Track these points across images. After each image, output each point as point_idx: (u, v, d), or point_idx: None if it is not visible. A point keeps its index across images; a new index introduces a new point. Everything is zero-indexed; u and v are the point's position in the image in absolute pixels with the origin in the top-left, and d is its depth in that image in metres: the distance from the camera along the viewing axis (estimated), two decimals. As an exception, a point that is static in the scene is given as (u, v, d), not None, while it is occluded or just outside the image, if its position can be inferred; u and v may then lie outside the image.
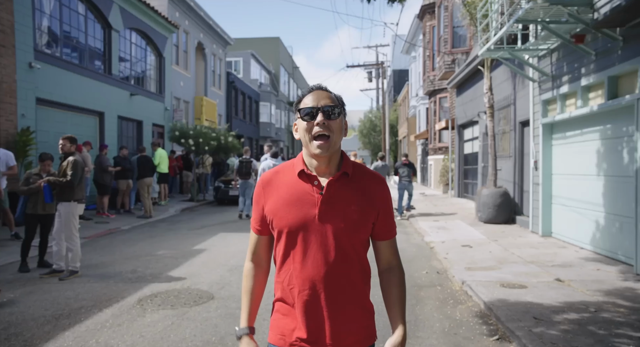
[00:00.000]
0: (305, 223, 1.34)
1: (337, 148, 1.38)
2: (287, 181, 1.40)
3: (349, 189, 1.37)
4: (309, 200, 1.35)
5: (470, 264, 5.86)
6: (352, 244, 1.36)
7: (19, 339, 3.50)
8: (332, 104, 1.36)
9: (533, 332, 3.40)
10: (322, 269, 1.33)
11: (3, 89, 8.73)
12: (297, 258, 1.35)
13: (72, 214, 5.54)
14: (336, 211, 1.34)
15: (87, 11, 11.94)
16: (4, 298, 4.50)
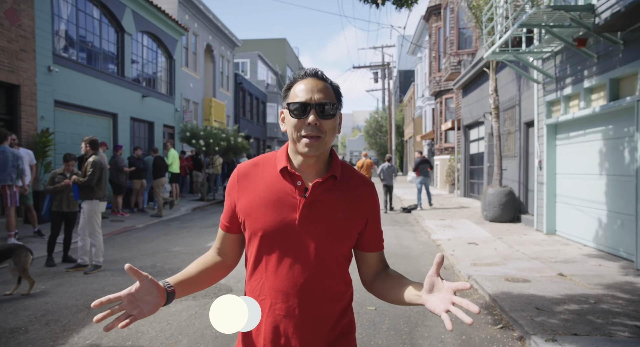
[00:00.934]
0: (283, 228, 1.18)
1: (327, 147, 1.23)
2: (266, 177, 1.24)
3: (335, 193, 1.22)
4: (289, 202, 1.20)
5: (475, 260, 6.08)
6: (335, 255, 1.22)
7: (57, 324, 3.78)
8: (326, 101, 1.18)
9: (535, 321, 3.63)
10: (298, 281, 1.18)
11: (24, 92, 9.06)
12: (270, 266, 1.20)
13: (95, 211, 5.83)
14: (319, 217, 1.19)
15: (102, 15, 12.27)
16: (37, 289, 4.79)
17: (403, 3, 6.29)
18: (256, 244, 1.22)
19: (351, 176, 1.28)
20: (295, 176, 1.21)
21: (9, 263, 4.53)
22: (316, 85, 1.20)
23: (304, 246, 1.18)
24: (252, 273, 1.24)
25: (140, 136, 14.43)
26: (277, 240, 1.19)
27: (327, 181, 1.22)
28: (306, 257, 1.18)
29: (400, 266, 5.92)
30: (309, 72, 1.23)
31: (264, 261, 1.21)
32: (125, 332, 3.64)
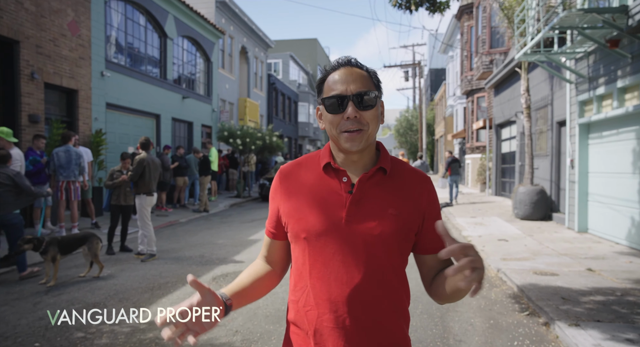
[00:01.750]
0: (329, 228, 1.08)
1: (372, 140, 1.13)
2: (309, 176, 1.16)
3: (386, 188, 1.12)
4: (335, 200, 1.10)
5: (505, 256, 6.31)
6: (389, 257, 1.09)
7: (129, 302, 4.33)
8: (365, 89, 1.08)
9: (560, 309, 3.89)
10: (348, 287, 1.06)
11: (81, 96, 9.86)
12: (315, 272, 1.09)
13: (142, 205, 6.40)
14: (369, 214, 1.08)
15: (147, 22, 13.05)
16: (104, 273, 5.40)
17: (436, 9, 6.57)
18: (300, 248, 1.12)
19: (404, 170, 1.17)
20: (341, 171, 1.12)
21: (83, 249, 5.15)
22: (351, 74, 1.10)
23: (352, 248, 1.06)
24: (297, 282, 1.14)
25: (180, 136, 15.20)
26: (322, 241, 1.08)
27: (376, 175, 1.12)
28: (356, 260, 1.06)
29: (432, 260, 6.23)
30: (342, 61, 1.13)
31: (309, 267, 1.10)
32: (188, 310, 4.14)
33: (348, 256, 1.07)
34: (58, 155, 7.50)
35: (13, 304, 4.25)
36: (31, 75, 8.33)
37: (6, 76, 8.10)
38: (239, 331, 3.62)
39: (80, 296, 4.52)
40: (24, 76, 8.20)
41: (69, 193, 7.59)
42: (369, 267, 1.07)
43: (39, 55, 8.55)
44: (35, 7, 8.42)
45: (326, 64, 1.16)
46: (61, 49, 9.18)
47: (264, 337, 3.50)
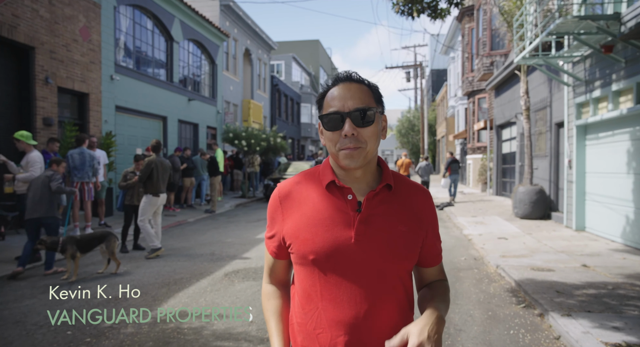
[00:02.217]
0: (338, 248, 1.06)
1: (372, 157, 1.12)
2: (311, 194, 1.14)
3: (392, 204, 1.12)
4: (342, 219, 1.08)
5: (504, 253, 6.56)
6: (400, 274, 1.10)
7: (148, 296, 4.60)
8: (363, 106, 1.07)
9: (554, 301, 4.14)
10: (362, 308, 1.06)
11: (92, 99, 10.14)
12: (327, 294, 1.08)
13: (147, 204, 6.63)
14: (379, 232, 1.07)
15: (154, 26, 13.34)
16: (120, 270, 5.67)
17: (437, 16, 6.82)
18: (307, 270, 1.10)
19: (404, 184, 1.17)
20: (345, 189, 1.11)
21: (101, 247, 5.42)
22: (349, 89, 1.08)
23: (364, 267, 1.06)
24: (304, 304, 1.11)
25: (186, 137, 15.49)
26: (332, 262, 1.06)
27: (382, 192, 1.12)
28: (368, 280, 1.06)
29: (434, 257, 6.48)
30: (342, 76, 1.11)
31: (319, 289, 1.08)
32: (205, 302, 4.41)
33: (360, 275, 1.06)
34: (72, 157, 7.77)
35: (40, 298, 4.52)
36: (45, 79, 8.62)
37: (22, 81, 8.39)
38: (254, 322, 3.88)
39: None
40: (38, 81, 8.49)
41: (83, 193, 7.87)
42: (381, 285, 1.06)
43: (52, 60, 8.83)
44: (49, 14, 8.71)
45: (328, 77, 1.27)
46: (73, 54, 9.46)
47: (277, 327, 3.77)
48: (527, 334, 3.61)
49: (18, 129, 8.19)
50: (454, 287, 4.97)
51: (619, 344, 3.09)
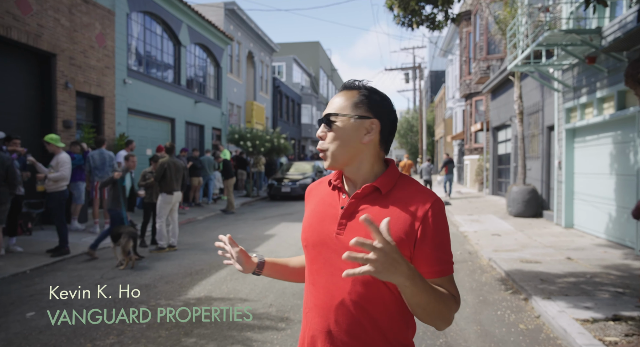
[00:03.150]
0: (322, 239, 1.18)
1: (344, 160, 1.17)
2: (321, 192, 1.29)
3: (380, 206, 1.14)
4: (331, 214, 1.20)
5: (497, 248, 7.10)
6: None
7: (174, 284, 5.13)
8: (335, 111, 1.15)
9: (538, 288, 4.68)
10: (335, 296, 1.13)
11: (106, 102, 10.66)
12: (312, 279, 1.21)
13: (163, 202, 7.15)
14: (358, 229, 1.12)
15: (163, 31, 13.85)
16: (144, 262, 6.19)
17: (434, 27, 7.36)
18: (305, 255, 1.27)
19: (409, 189, 1.16)
20: (339, 188, 1.23)
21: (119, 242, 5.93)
22: (336, 96, 1.19)
23: (341, 260, 1.10)
24: (306, 284, 1.26)
25: (193, 138, 16.00)
26: (316, 251, 1.19)
27: (371, 194, 1.16)
28: (342, 271, 1.05)
29: (431, 251, 7.02)
30: (343, 86, 1.22)
31: (309, 273, 1.23)
32: (227, 289, 4.93)
33: (336, 266, 1.13)
34: (93, 158, 8.28)
35: (77, 285, 5.04)
36: (65, 84, 9.13)
37: (44, 86, 8.89)
38: (273, 304, 4.41)
39: (131, 279, 5.32)
40: (59, 86, 9.00)
41: (103, 192, 8.37)
42: (357, 280, 1.11)
43: (72, 66, 9.34)
44: (69, 22, 9.22)
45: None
46: (90, 60, 9.97)
47: (294, 308, 4.30)
48: (512, 314, 4.15)
49: (40, 131, 8.72)
50: (450, 276, 5.50)
51: (587, 320, 3.62)
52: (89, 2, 9.87)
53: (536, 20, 8.58)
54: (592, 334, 3.37)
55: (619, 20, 6.00)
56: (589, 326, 3.53)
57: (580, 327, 3.50)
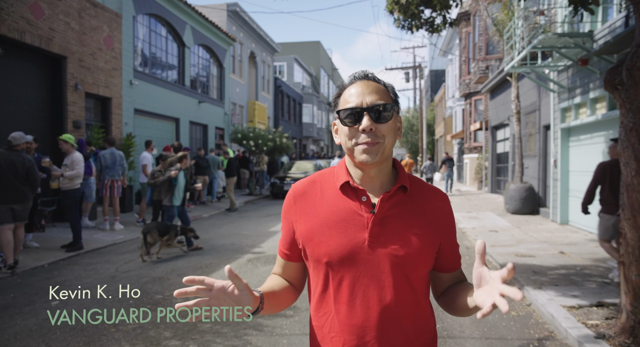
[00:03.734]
0: (352, 251, 1.06)
1: (388, 154, 1.11)
2: (326, 195, 1.14)
3: (407, 206, 1.11)
4: (356, 221, 1.08)
5: (494, 243, 7.38)
6: (416, 278, 1.09)
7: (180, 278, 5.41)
8: (381, 102, 1.08)
9: (530, 279, 4.96)
10: (375, 312, 1.06)
11: (113, 103, 10.94)
12: (340, 298, 1.08)
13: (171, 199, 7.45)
14: (393, 234, 1.07)
15: (168, 33, 14.13)
16: (153, 258, 6.47)
17: (433, 30, 7.62)
18: (322, 273, 1.10)
19: (421, 187, 1.17)
20: (360, 190, 1.11)
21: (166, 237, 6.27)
22: (367, 86, 1.10)
23: (377, 270, 1.05)
24: (319, 307, 1.12)
25: (196, 138, 16.29)
26: (346, 265, 1.07)
27: (397, 194, 1.11)
28: (382, 283, 1.06)
29: (430, 246, 7.31)
30: (358, 75, 1.13)
31: (332, 291, 1.09)
32: (236, 281, 5.22)
33: (373, 279, 1.05)
34: (104, 157, 8.55)
35: (95, 277, 5.33)
36: (75, 86, 9.41)
37: (55, 87, 9.17)
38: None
39: (144, 273, 5.60)
40: (69, 87, 9.28)
41: (113, 190, 8.65)
42: (395, 289, 1.05)
43: (81, 68, 9.62)
44: (79, 26, 9.49)
45: (342, 81, 1.15)
46: (98, 62, 10.25)
47: (300, 298, 4.57)
48: (505, 302, 4.42)
49: (52, 131, 9.00)
50: (447, 269, 5.79)
51: (574, 306, 3.90)
52: (97, 6, 10.14)
53: (532, 22, 8.84)
54: (576, 318, 3.65)
55: (609, 25, 6.27)
56: (574, 312, 3.81)
57: (566, 312, 3.78)
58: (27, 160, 5.57)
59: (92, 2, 9.95)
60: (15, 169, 5.43)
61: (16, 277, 5.33)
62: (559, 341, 3.48)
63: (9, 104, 8.13)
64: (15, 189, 5.43)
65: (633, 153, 2.95)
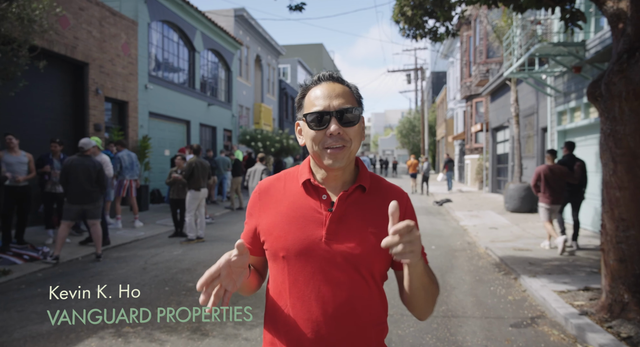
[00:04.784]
0: (308, 246, 1.08)
1: (354, 157, 1.14)
2: (289, 192, 1.16)
3: (365, 205, 1.13)
4: (315, 218, 1.10)
5: (493, 239, 7.86)
6: (371, 274, 1.10)
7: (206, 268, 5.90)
8: (348, 106, 1.08)
9: (526, 269, 5.45)
10: (329, 307, 1.07)
11: (130, 106, 11.45)
12: (296, 292, 1.09)
13: (191, 197, 7.92)
14: (349, 232, 1.08)
15: (179, 39, 14.65)
16: (178, 251, 6.97)
17: (436, 39, 8.12)
18: (279, 267, 1.12)
19: (381, 186, 1.19)
20: (320, 189, 1.13)
21: None
22: (333, 89, 1.11)
23: (333, 267, 1.07)
24: (275, 301, 1.14)
25: (206, 139, 16.80)
26: (302, 260, 1.09)
27: (355, 193, 1.14)
28: (336, 279, 1.08)
29: (434, 241, 7.78)
30: (323, 77, 1.14)
31: (288, 286, 1.10)
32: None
33: (329, 274, 1.07)
34: (123, 159, 9.05)
35: (127, 269, 5.83)
36: (96, 91, 9.93)
37: (77, 92, 9.69)
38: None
39: (172, 265, 6.10)
40: (91, 92, 9.79)
41: (130, 190, 9.15)
42: (350, 286, 1.08)
43: (101, 74, 10.14)
44: (99, 33, 10.01)
45: (305, 79, 1.14)
46: (116, 67, 10.77)
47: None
48: (503, 289, 4.92)
49: (74, 134, 9.51)
50: (451, 262, 6.28)
51: (563, 291, 4.39)
52: (116, 14, 10.66)
53: (530, 30, 9.34)
54: (564, 300, 4.14)
55: (599, 36, 6.76)
56: (563, 295, 4.30)
57: (556, 296, 4.28)
58: (97, 164, 6.13)
59: (111, 11, 10.47)
60: (89, 173, 5.99)
61: (57, 268, 5.83)
62: (549, 319, 3.97)
63: (37, 108, 8.65)
64: (88, 191, 6.00)
65: (610, 155, 3.43)
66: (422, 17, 7.73)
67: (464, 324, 3.88)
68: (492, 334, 3.67)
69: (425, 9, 7.50)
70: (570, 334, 3.62)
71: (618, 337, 3.18)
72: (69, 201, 6.00)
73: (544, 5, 4.35)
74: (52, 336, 3.60)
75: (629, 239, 3.32)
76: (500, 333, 3.68)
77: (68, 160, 6.04)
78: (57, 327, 3.75)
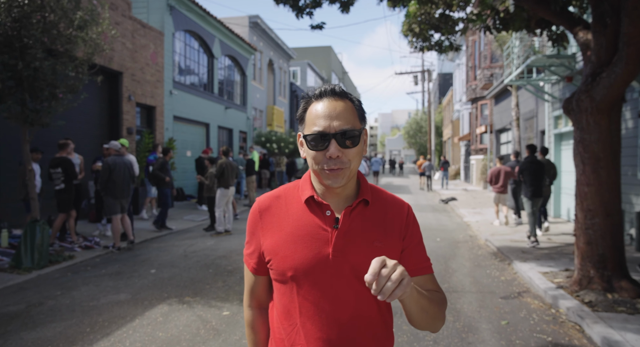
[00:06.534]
0: (316, 265, 1.07)
1: (354, 174, 1.11)
2: (291, 210, 1.14)
3: (369, 219, 1.12)
4: (320, 235, 1.09)
5: (494, 233, 8.66)
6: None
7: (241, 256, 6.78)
8: (348, 127, 1.06)
9: (519, 256, 6.26)
10: (341, 324, 1.07)
11: (157, 111, 12.38)
12: (305, 311, 1.08)
13: (221, 195, 8.79)
14: (356, 247, 1.08)
15: (199, 46, 15.58)
16: (211, 241, 7.85)
17: (442, 51, 8.94)
18: (286, 286, 1.11)
19: (382, 198, 1.18)
20: (324, 205, 1.11)
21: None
22: (335, 108, 1.07)
23: (342, 284, 1.07)
24: (283, 319, 1.13)
25: (223, 141, 17.71)
26: (310, 279, 1.08)
27: (358, 207, 1.13)
28: (346, 296, 1.08)
29: (439, 235, 8.60)
30: (325, 91, 1.10)
31: (298, 305, 1.09)
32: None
33: (339, 292, 1.07)
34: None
35: (171, 256, 6.72)
36: (129, 98, 10.86)
37: (112, 99, 10.63)
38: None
39: (208, 253, 6.98)
40: (124, 98, 10.72)
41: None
42: (359, 302, 1.08)
43: (133, 81, 11.07)
44: (132, 45, 10.95)
45: (309, 90, 1.13)
46: (145, 75, 11.70)
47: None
48: (497, 272, 5.74)
49: (109, 137, 10.45)
50: (454, 252, 7.10)
51: (547, 272, 5.21)
52: (145, 26, 11.59)
53: (528, 42, 10.12)
54: (546, 278, 4.95)
55: (588, 49, 7.54)
56: (546, 275, 5.12)
57: (540, 276, 5.09)
58: (128, 161, 7.02)
59: (141, 24, 11.40)
60: (126, 170, 6.88)
61: (111, 255, 6.74)
62: (532, 293, 4.79)
63: (78, 114, 9.58)
64: (125, 187, 6.89)
65: (580, 158, 4.22)
66: (428, 31, 8.56)
67: (462, 297, 4.71)
68: (485, 303, 4.49)
69: (431, 24, 8.33)
70: (547, 302, 4.44)
71: (582, 302, 3.98)
72: (113, 196, 6.84)
73: (532, 30, 5.15)
74: (130, 302, 4.49)
75: (595, 225, 4.11)
76: (491, 303, 4.51)
77: (111, 159, 6.90)
78: (132, 296, 4.65)
